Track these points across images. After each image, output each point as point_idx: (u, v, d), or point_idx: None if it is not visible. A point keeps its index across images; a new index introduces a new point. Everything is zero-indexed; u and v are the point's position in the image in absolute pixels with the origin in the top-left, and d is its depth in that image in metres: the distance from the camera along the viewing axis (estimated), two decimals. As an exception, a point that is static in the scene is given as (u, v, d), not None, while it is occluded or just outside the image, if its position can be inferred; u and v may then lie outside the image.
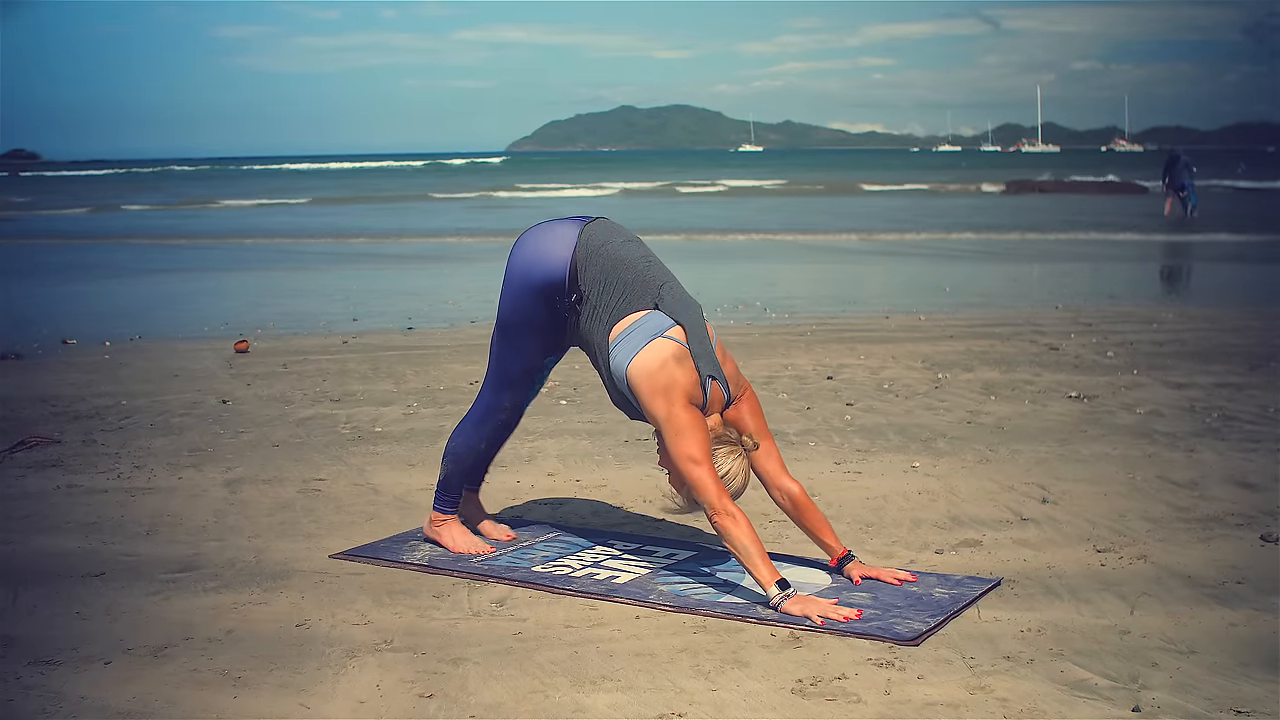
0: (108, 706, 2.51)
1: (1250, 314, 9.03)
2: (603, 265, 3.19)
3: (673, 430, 3.06)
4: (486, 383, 3.49)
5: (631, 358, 3.11)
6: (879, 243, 17.25)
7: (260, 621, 3.00)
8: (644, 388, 3.09)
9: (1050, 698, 2.50)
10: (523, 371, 3.43)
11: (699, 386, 3.13)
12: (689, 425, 3.05)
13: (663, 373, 3.08)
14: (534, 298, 3.27)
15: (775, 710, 2.46)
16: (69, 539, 3.73)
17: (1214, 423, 5.20)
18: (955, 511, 3.93)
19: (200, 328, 8.95)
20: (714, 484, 3.02)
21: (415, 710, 2.49)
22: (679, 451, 3.05)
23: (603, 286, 3.18)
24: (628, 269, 3.20)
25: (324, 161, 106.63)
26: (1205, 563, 3.36)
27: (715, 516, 3.01)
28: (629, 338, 3.14)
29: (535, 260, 3.26)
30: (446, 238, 18.94)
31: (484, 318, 9.28)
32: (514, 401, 3.49)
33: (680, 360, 3.11)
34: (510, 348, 3.39)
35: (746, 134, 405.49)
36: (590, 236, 3.23)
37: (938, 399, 5.81)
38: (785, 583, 2.99)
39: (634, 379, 3.11)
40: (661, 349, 3.11)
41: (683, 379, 3.10)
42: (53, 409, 5.80)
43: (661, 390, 3.08)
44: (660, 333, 3.13)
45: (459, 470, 3.56)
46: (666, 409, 3.07)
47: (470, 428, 3.52)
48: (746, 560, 2.99)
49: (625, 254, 3.22)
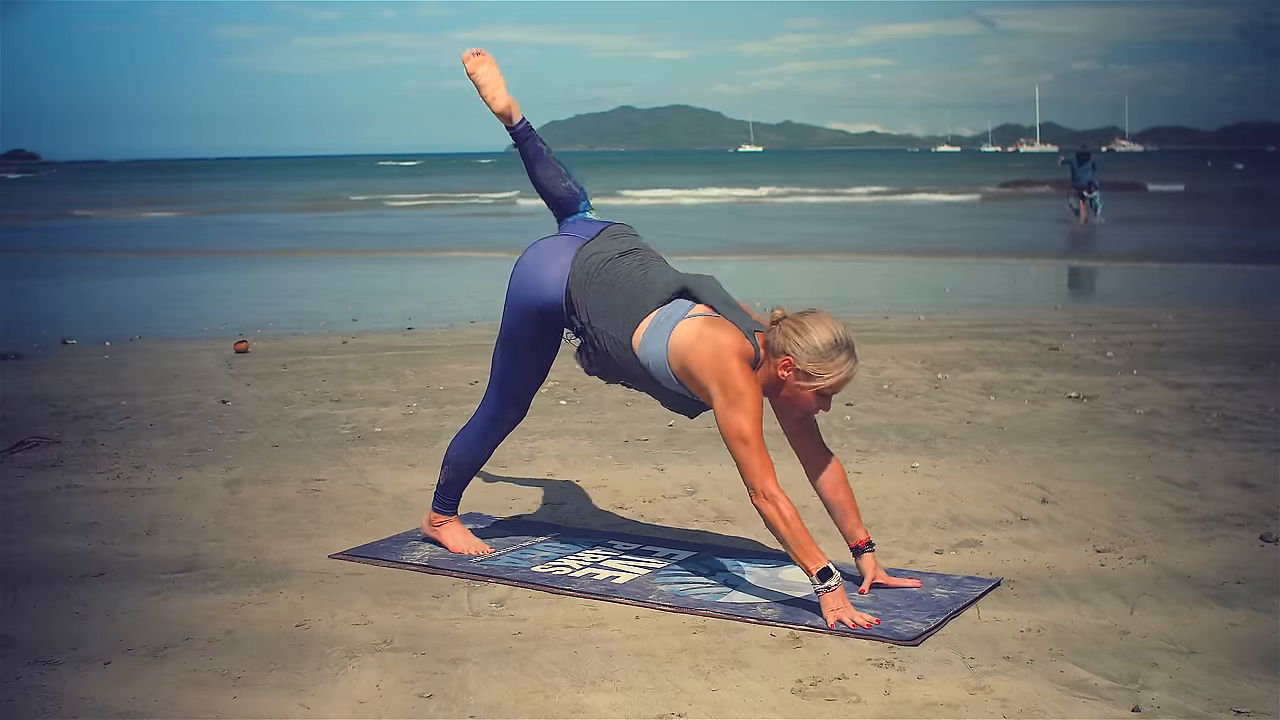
0: (108, 707, 2.50)
1: (1250, 314, 9.03)
2: (600, 290, 3.11)
3: (726, 400, 2.91)
4: (489, 393, 3.45)
5: (666, 342, 3.01)
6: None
7: (260, 621, 3.00)
8: (691, 361, 2.96)
9: (1050, 698, 2.50)
10: (525, 386, 3.40)
11: (748, 341, 2.99)
12: (743, 394, 2.90)
13: (703, 340, 2.96)
14: (530, 323, 3.23)
15: (775, 710, 2.46)
16: (69, 539, 3.73)
17: (1214, 423, 5.19)
18: (955, 512, 3.93)
19: (200, 328, 8.96)
20: (759, 464, 2.90)
21: (415, 710, 2.49)
22: (729, 425, 2.91)
23: (606, 311, 3.09)
24: (624, 284, 3.11)
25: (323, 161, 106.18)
26: (1205, 563, 3.36)
27: (756, 499, 2.91)
28: (654, 332, 3.04)
29: (530, 284, 3.19)
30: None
31: (483, 318, 9.28)
32: (517, 413, 3.46)
33: (718, 324, 3.00)
34: (511, 363, 3.35)
35: (746, 134, 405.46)
36: (581, 264, 3.14)
37: (937, 399, 5.81)
38: (828, 572, 2.90)
39: (677, 357, 2.98)
40: (692, 324, 3.01)
41: (727, 339, 2.96)
42: (53, 409, 5.80)
43: (710, 357, 2.94)
44: (683, 315, 3.03)
45: (460, 477, 3.55)
46: (719, 373, 2.92)
47: (474, 438, 3.48)
48: (787, 546, 2.91)
49: (619, 271, 3.13)
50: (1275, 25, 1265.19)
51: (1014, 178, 38.40)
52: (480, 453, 3.51)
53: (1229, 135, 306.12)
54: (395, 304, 10.36)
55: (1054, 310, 9.44)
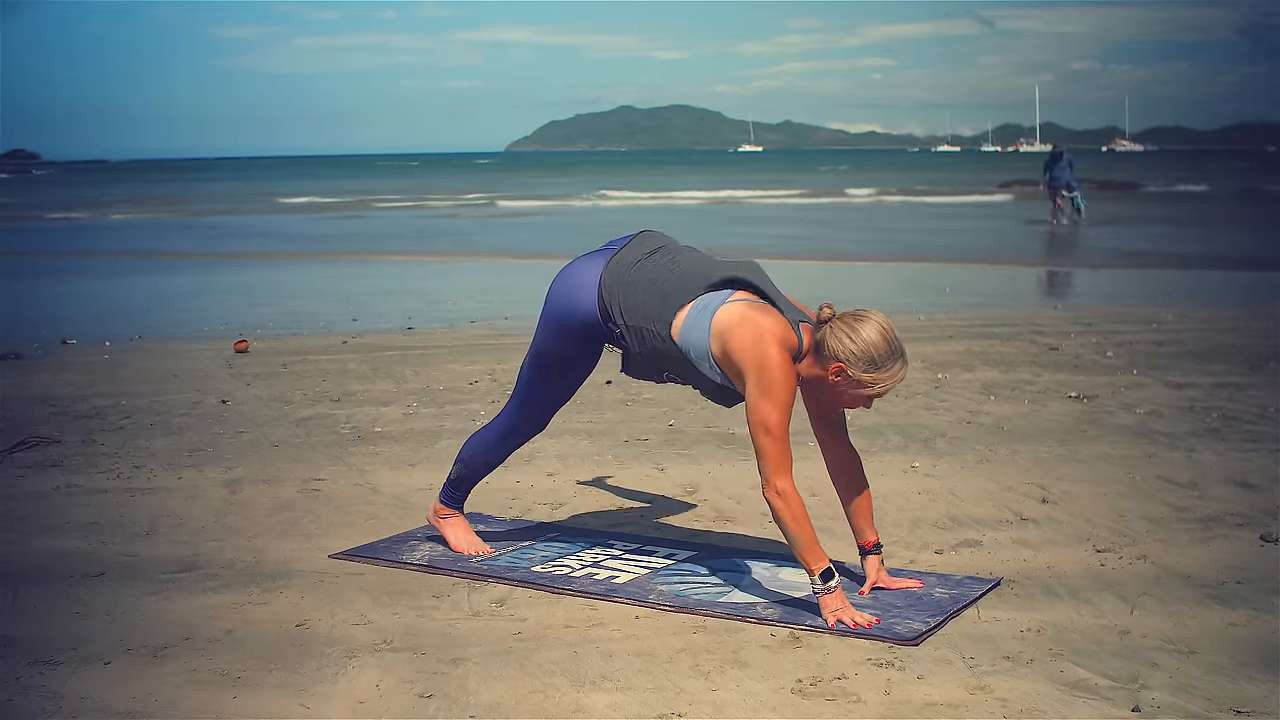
0: (108, 706, 2.51)
1: (1250, 314, 9.03)
2: (631, 289, 3.08)
3: (759, 387, 2.87)
4: (511, 405, 3.43)
5: (708, 326, 2.96)
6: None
7: (260, 621, 3.00)
8: (733, 344, 2.91)
9: (1050, 698, 2.50)
10: (549, 403, 3.39)
11: (792, 331, 2.94)
12: (776, 384, 2.86)
13: (746, 324, 2.91)
14: (567, 338, 3.20)
15: (775, 710, 2.46)
16: (69, 539, 3.73)
17: (1214, 423, 5.19)
18: (955, 511, 3.93)
19: (200, 328, 8.95)
20: (778, 458, 2.87)
21: (415, 710, 2.49)
22: (756, 413, 2.86)
23: (641, 307, 3.06)
24: (656, 280, 3.08)
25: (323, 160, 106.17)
26: (1205, 563, 3.36)
27: (767, 490, 2.89)
28: (695, 319, 2.99)
29: (566, 297, 3.17)
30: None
31: (483, 318, 9.29)
32: (535, 428, 3.46)
33: (762, 309, 2.94)
34: (539, 379, 3.33)
35: (746, 134, 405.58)
36: (611, 271, 3.12)
37: (937, 399, 5.81)
38: (830, 573, 2.90)
39: (719, 340, 2.93)
40: (734, 308, 2.95)
41: (771, 325, 2.91)
42: (53, 409, 5.80)
43: (751, 341, 2.88)
44: (724, 301, 2.99)
45: (472, 475, 3.56)
46: (758, 358, 2.87)
47: (491, 443, 3.48)
48: (792, 543, 2.90)
49: (649, 269, 3.10)
50: (1275, 25, 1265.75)
51: (1014, 178, 38.41)
52: (493, 458, 3.52)
53: (1229, 135, 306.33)
54: (395, 304, 10.36)
55: (1054, 310, 9.44)
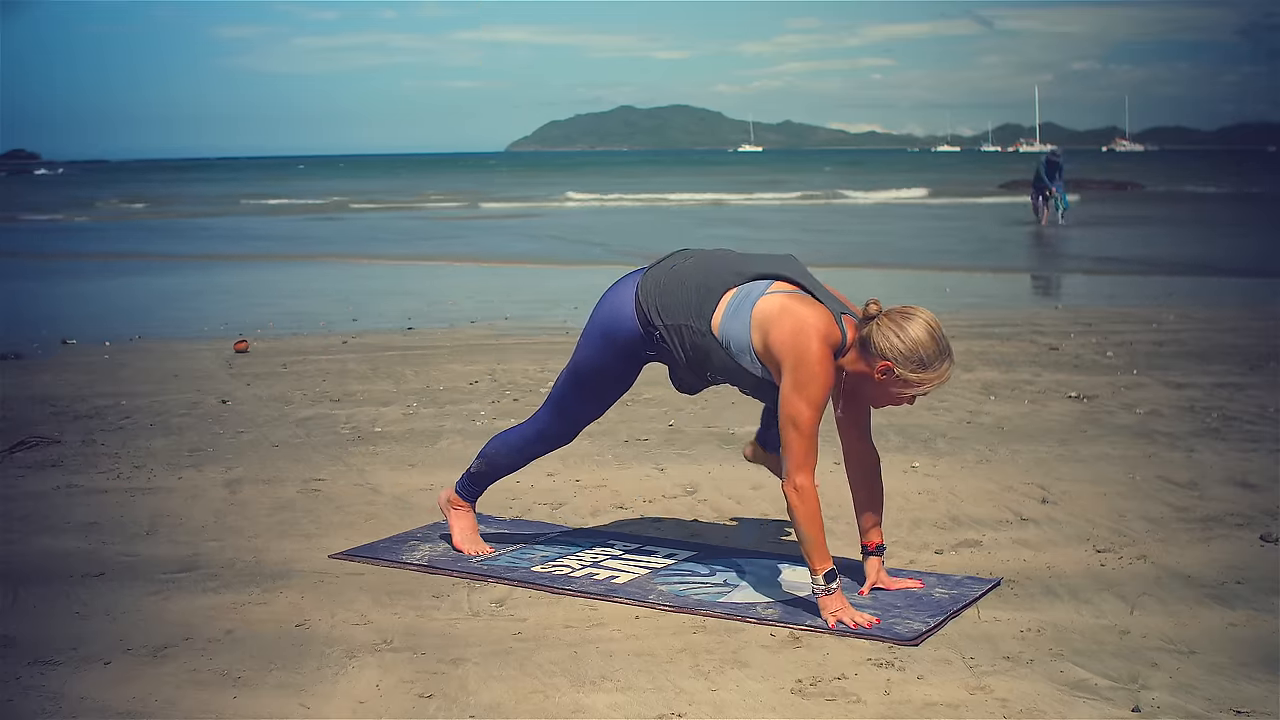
0: (108, 706, 2.51)
1: (1250, 314, 9.03)
2: (666, 290, 3.08)
3: (795, 380, 2.84)
4: (544, 411, 3.40)
5: (749, 319, 2.93)
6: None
7: (260, 621, 3.00)
8: (774, 335, 2.88)
9: (1050, 698, 2.50)
10: (583, 415, 3.37)
11: (835, 326, 2.91)
12: (813, 380, 2.83)
13: (787, 315, 2.88)
14: (612, 352, 3.19)
15: (775, 710, 2.46)
16: (69, 539, 3.73)
17: (1214, 423, 5.19)
18: (955, 512, 3.93)
19: (200, 328, 8.96)
20: (803, 453, 2.85)
21: (415, 710, 2.49)
22: (789, 406, 2.84)
23: (679, 305, 3.05)
24: (691, 278, 3.07)
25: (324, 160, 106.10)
26: (1205, 563, 3.36)
27: (786, 485, 2.89)
28: (735, 310, 2.97)
29: (611, 309, 3.17)
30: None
31: (483, 318, 9.29)
32: (565, 438, 3.44)
33: (804, 301, 2.92)
34: (576, 390, 3.31)
35: (746, 134, 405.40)
36: (647, 280, 3.13)
37: (937, 399, 5.80)
38: (833, 574, 2.90)
39: (760, 331, 2.91)
40: (774, 299, 2.93)
41: (814, 319, 2.88)
42: (53, 409, 5.80)
43: (791, 332, 2.86)
44: (763, 292, 2.97)
45: (492, 473, 3.54)
46: (798, 350, 2.84)
47: (517, 446, 3.46)
48: (801, 540, 2.91)
49: (683, 270, 3.10)
50: (1275, 25, 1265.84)
51: (1013, 178, 38.42)
52: (517, 460, 3.50)
53: (1229, 135, 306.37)
54: (395, 304, 10.36)
55: (1054, 310, 9.44)
